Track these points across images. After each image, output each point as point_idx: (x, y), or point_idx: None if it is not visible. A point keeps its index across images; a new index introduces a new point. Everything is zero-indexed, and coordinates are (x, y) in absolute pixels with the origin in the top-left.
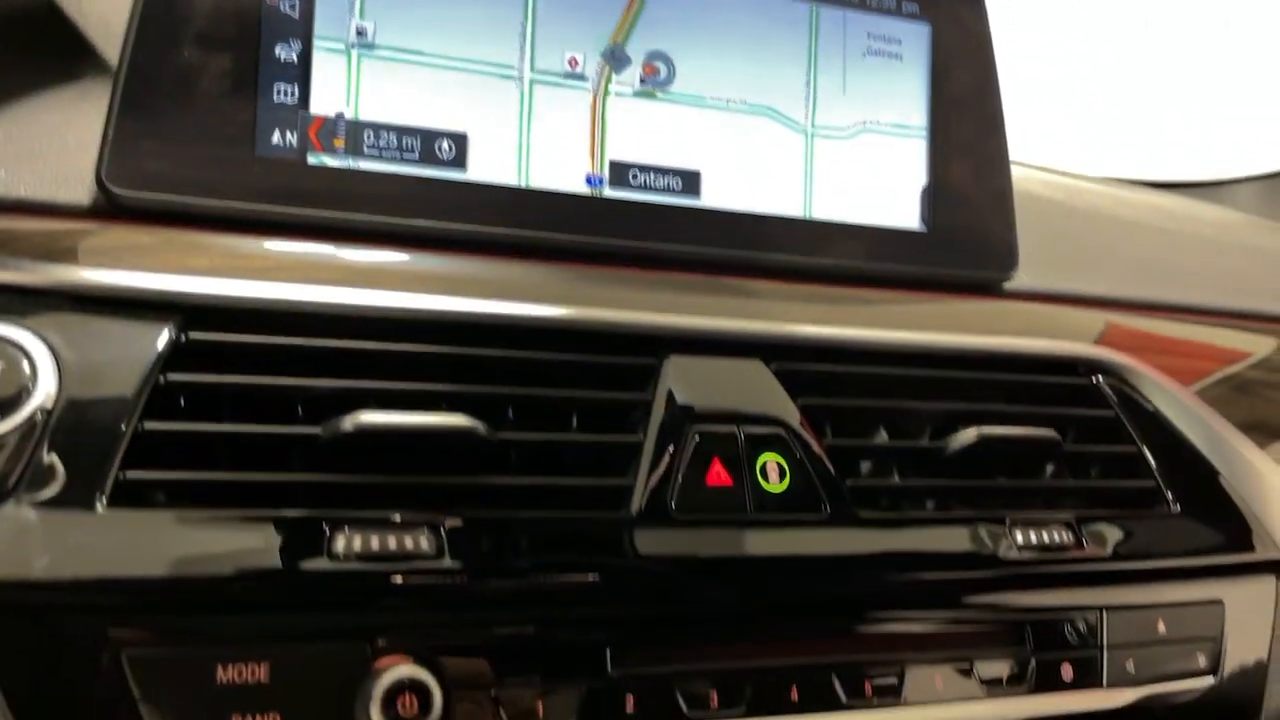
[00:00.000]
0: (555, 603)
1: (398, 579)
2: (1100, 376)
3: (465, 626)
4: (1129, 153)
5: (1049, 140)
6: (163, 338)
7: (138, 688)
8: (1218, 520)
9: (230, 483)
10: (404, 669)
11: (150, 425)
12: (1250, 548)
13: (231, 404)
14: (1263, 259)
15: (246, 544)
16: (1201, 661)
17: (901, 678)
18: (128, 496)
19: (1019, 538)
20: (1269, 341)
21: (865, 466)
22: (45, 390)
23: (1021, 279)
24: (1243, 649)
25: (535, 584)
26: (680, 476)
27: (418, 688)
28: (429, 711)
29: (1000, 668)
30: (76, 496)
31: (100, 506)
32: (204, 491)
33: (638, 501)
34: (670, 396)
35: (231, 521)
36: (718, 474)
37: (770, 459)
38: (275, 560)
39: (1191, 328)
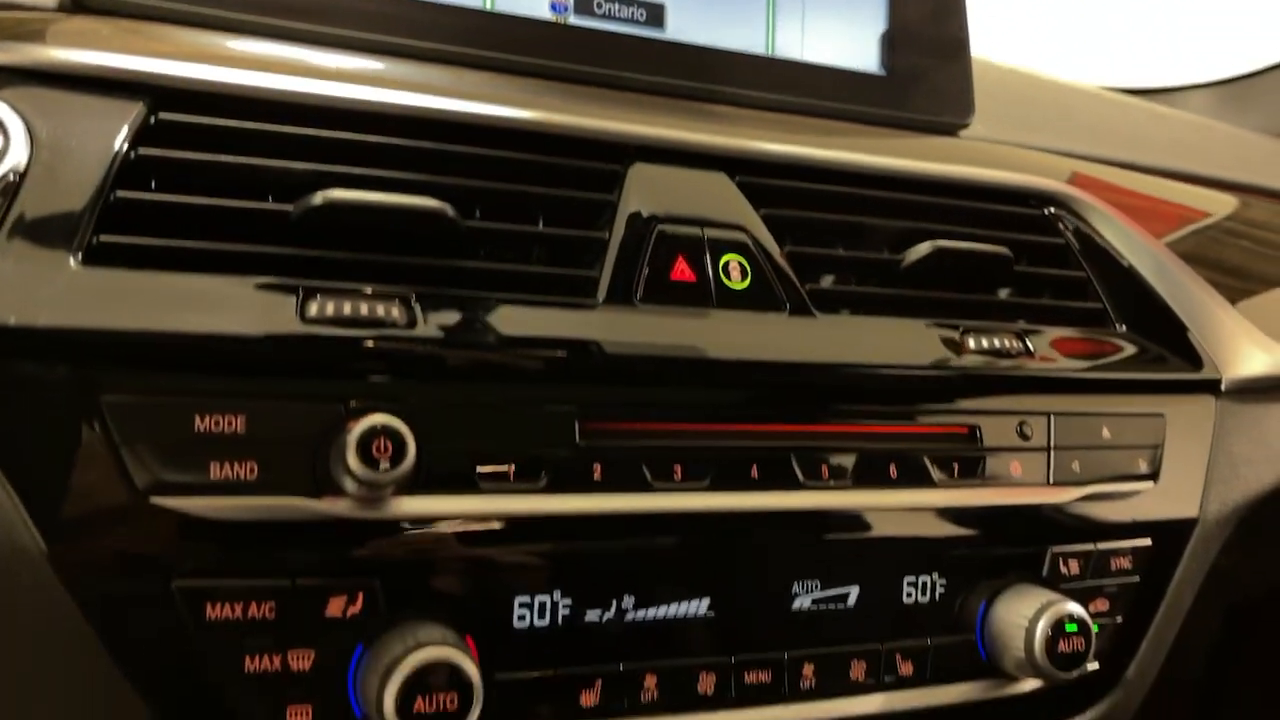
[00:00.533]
0: (524, 378)
1: (369, 344)
2: (1053, 209)
3: (437, 392)
4: (1084, 60)
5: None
6: (133, 115)
7: (118, 433)
8: (1161, 341)
9: (202, 251)
10: (378, 417)
11: (122, 194)
12: (1191, 368)
13: (202, 186)
14: (1211, 134)
15: (220, 305)
16: (1142, 467)
17: (859, 464)
18: (101, 257)
19: (971, 343)
20: (1219, 201)
21: (825, 280)
22: (17, 155)
23: (978, 130)
24: (1181, 459)
25: (505, 359)
26: (645, 270)
27: (391, 434)
28: (402, 457)
29: (953, 462)
30: (51, 254)
31: (74, 263)
32: (176, 259)
33: (604, 291)
34: (635, 199)
35: (204, 284)
36: (681, 270)
37: (732, 259)
38: (249, 322)
39: (1143, 179)
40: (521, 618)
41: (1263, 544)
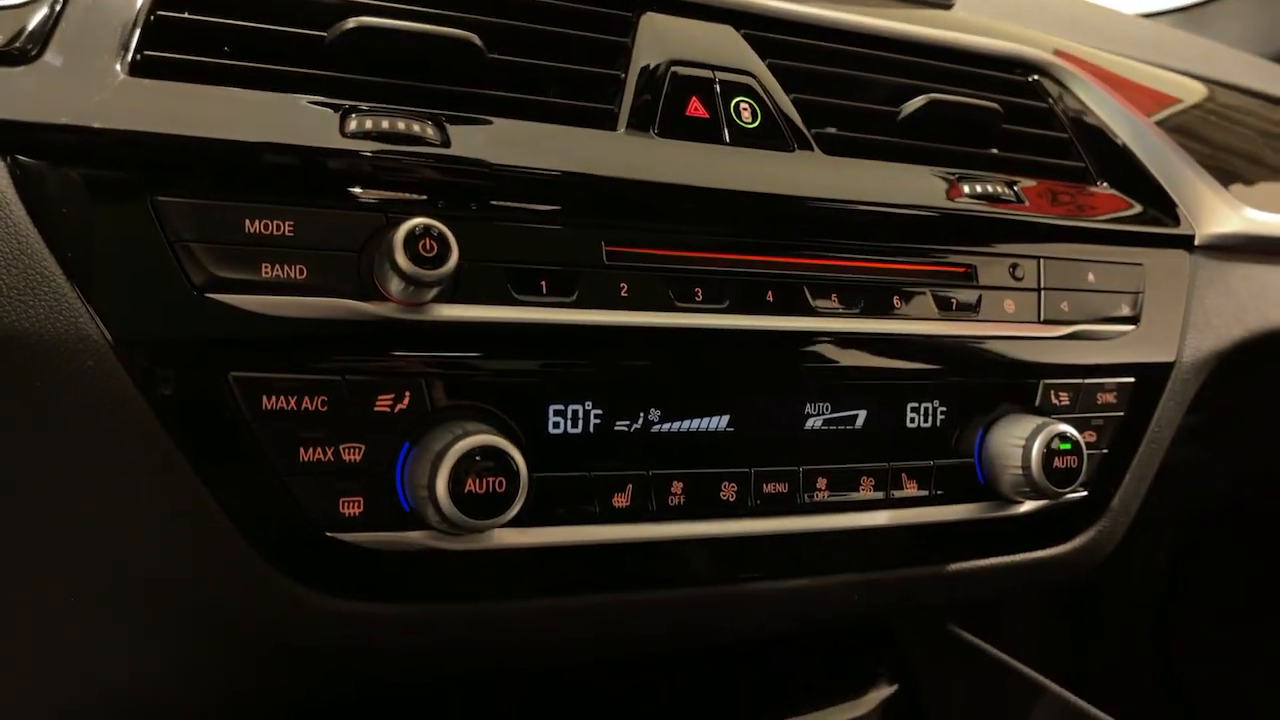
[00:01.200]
0: (553, 197)
1: (407, 158)
2: (1037, 75)
3: (472, 206)
4: None
5: None
6: None
7: (172, 232)
8: (1140, 198)
9: (242, 69)
10: (423, 219)
11: (164, 13)
12: (1168, 223)
13: (239, 11)
14: (1175, 36)
15: (265, 117)
16: (1125, 310)
17: (866, 296)
18: (147, 70)
19: (966, 188)
20: (1190, 87)
21: (829, 128)
22: None
23: (962, 13)
24: (1160, 307)
25: (535, 178)
26: (661, 106)
27: (435, 235)
28: (446, 257)
29: (952, 296)
30: (100, 65)
31: (122, 73)
32: (217, 76)
33: (623, 122)
34: (647, 43)
35: (249, 98)
36: (695, 107)
37: (743, 100)
38: (294, 133)
39: (1120, 60)
40: (556, 424)
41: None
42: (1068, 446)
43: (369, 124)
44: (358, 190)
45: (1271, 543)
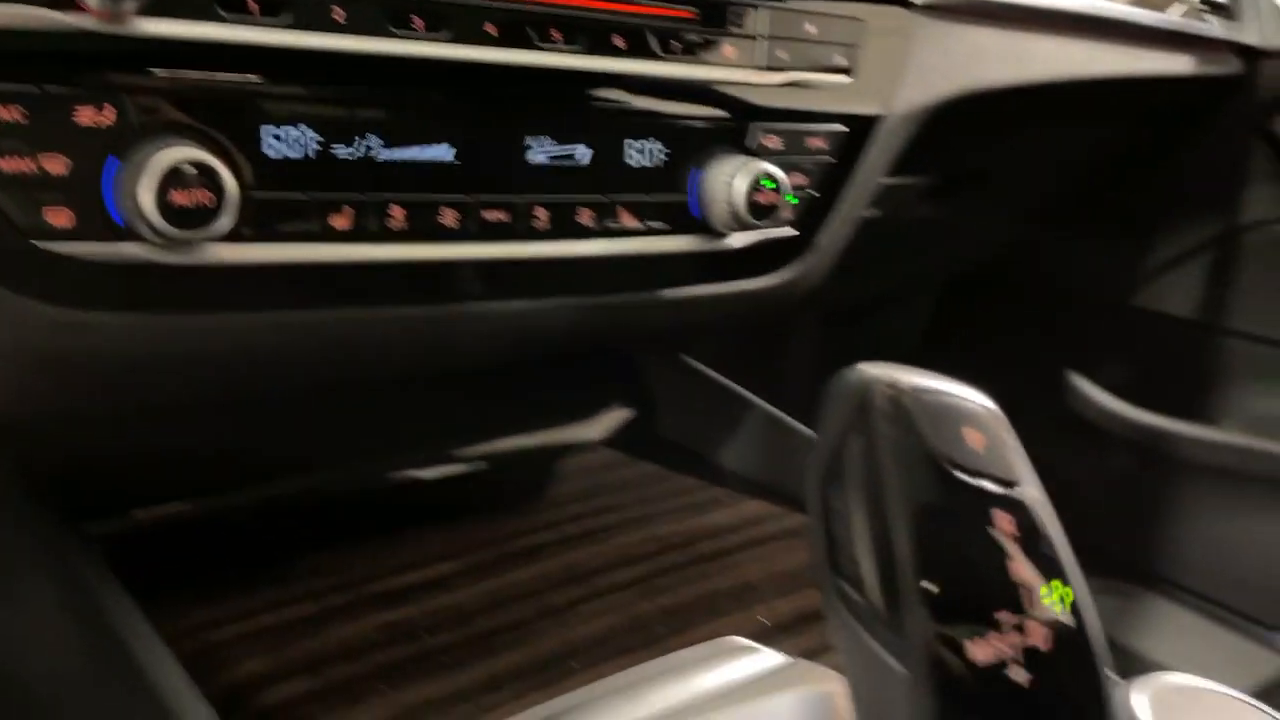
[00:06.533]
0: None
1: None
2: None
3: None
4: None
5: None
6: None
7: None
8: None
9: None
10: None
11: None
12: None
13: None
14: None
15: None
16: (842, 61)
17: (589, 33)
18: None
19: None
20: None
21: None
22: None
23: None
24: (876, 61)
25: None
26: None
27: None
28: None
29: (675, 39)
30: None
31: None
32: None
33: None
34: None
35: None
36: None
37: None
38: None
39: None
40: (272, 147)
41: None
42: (771, 185)
43: None
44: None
45: (1016, 309)
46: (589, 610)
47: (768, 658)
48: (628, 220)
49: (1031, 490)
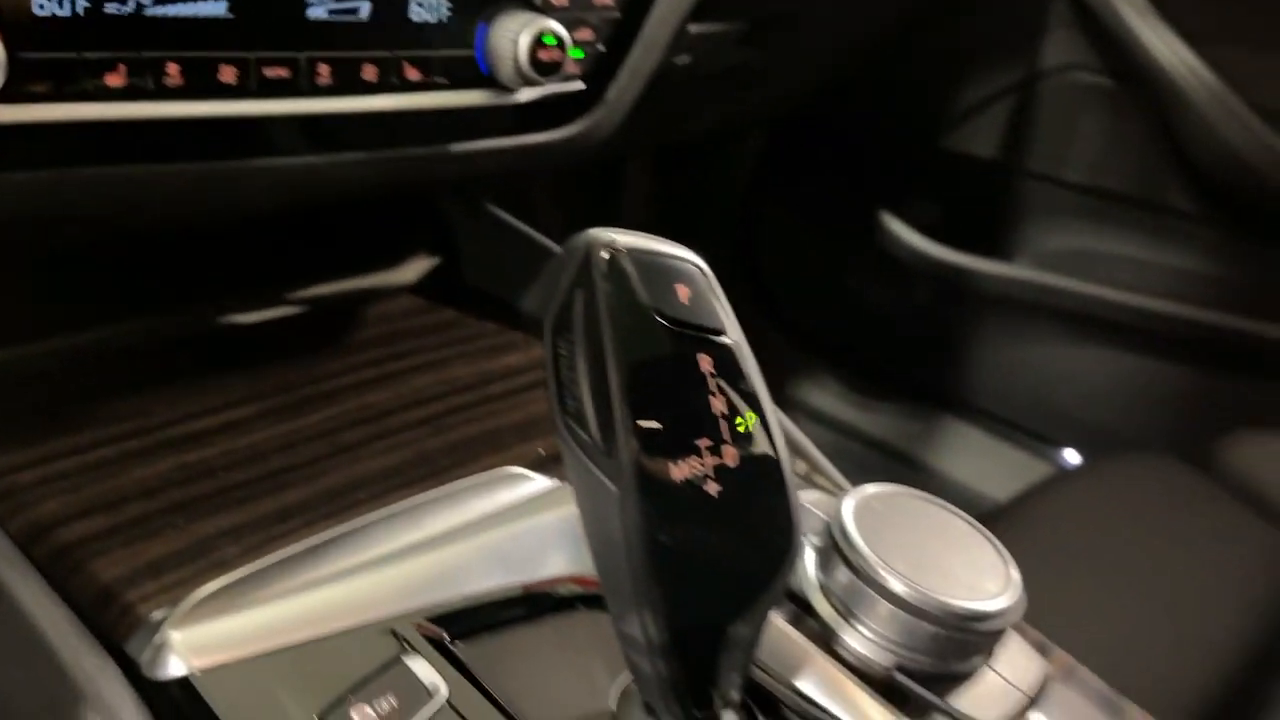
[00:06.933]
0: None
1: None
2: None
3: None
4: None
5: None
6: None
7: None
8: None
9: None
10: None
11: None
12: None
13: None
14: None
15: None
16: None
17: None
18: None
19: None
20: None
21: None
22: None
23: None
24: None
25: None
26: None
27: None
28: None
29: None
30: None
31: None
32: None
33: None
34: None
35: None
36: None
37: None
38: None
39: None
40: (40, 5)
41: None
42: (552, 41)
43: None
44: None
45: (835, 151)
46: (379, 447)
47: (538, 483)
48: (413, 75)
49: (731, 337)
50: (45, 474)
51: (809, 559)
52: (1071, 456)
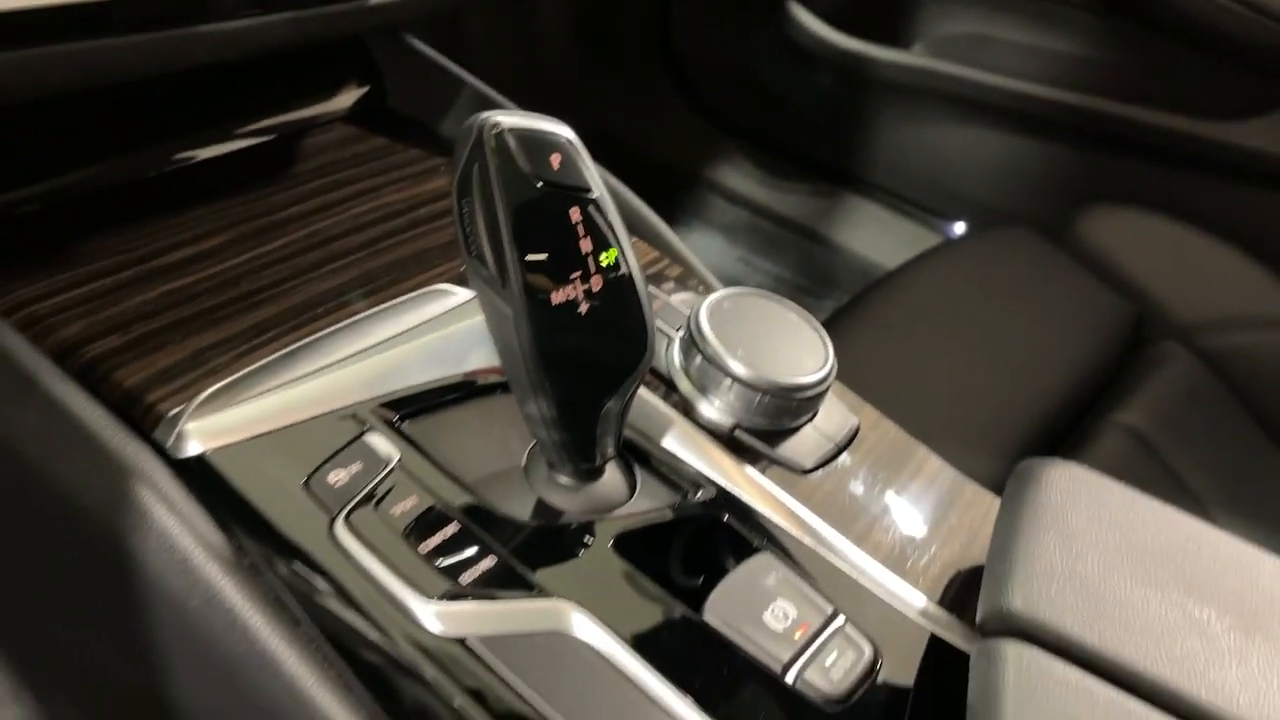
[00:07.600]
0: None
1: None
2: None
3: None
4: None
5: None
6: None
7: None
8: None
9: None
10: None
11: None
12: None
13: None
14: None
15: None
16: None
17: None
18: None
19: None
20: None
21: None
22: None
23: None
24: None
25: None
26: None
27: None
28: None
29: None
30: None
31: None
32: None
33: None
34: None
35: None
36: None
37: None
38: None
39: None
40: None
41: None
42: None
43: None
44: None
45: None
46: (329, 270)
47: (461, 296)
48: None
49: (595, 193)
50: (57, 304)
51: (675, 348)
52: (959, 230)
